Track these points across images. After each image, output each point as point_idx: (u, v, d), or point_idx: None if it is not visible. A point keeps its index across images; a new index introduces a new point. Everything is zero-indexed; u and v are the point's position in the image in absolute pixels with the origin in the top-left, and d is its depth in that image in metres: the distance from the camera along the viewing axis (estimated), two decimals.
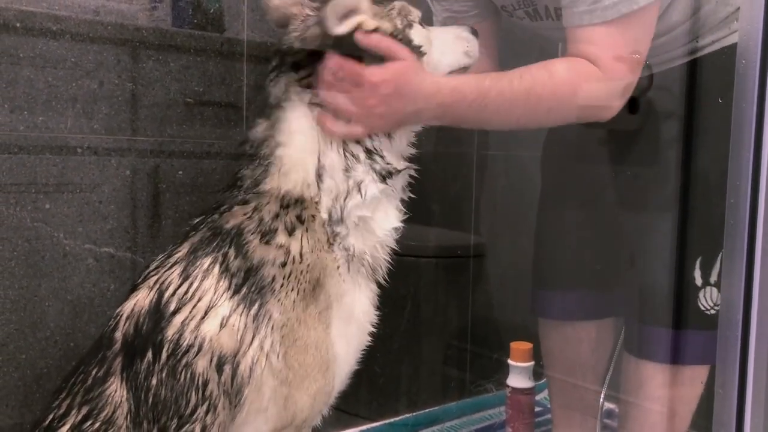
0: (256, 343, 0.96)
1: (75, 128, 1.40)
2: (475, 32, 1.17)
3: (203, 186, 1.55)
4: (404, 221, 1.10)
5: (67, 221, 1.40)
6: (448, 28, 1.18)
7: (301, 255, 1.00)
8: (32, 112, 1.35)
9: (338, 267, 1.03)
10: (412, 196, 1.12)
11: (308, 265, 1.00)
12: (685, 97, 1.27)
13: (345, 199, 1.02)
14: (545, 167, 1.56)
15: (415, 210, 1.12)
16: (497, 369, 1.87)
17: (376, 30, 1.02)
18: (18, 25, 1.32)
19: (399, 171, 1.06)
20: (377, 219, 1.05)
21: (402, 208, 1.09)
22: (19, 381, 1.36)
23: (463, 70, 1.14)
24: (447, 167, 2.04)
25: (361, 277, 1.04)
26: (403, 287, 1.86)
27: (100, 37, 1.42)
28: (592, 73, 1.09)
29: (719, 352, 0.96)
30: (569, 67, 1.10)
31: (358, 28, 1.00)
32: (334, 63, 1.01)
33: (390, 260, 1.10)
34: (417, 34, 1.07)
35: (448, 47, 1.12)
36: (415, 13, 1.10)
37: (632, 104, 1.21)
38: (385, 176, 1.04)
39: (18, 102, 1.33)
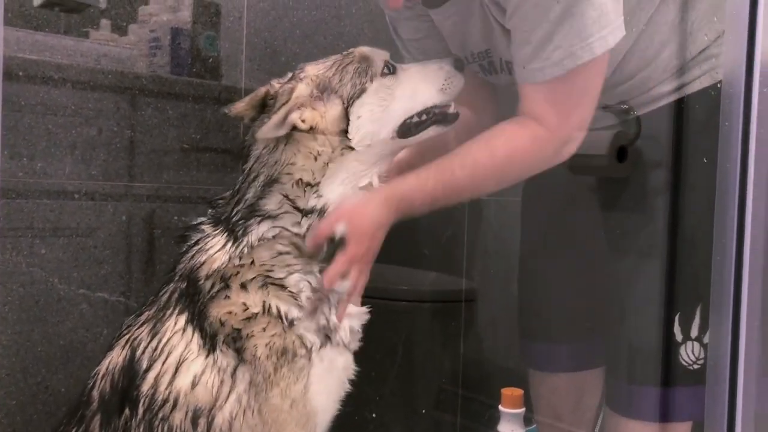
0: (233, 397, 0.96)
1: (73, 174, 1.42)
2: (459, 65, 1.12)
3: None
4: (396, 265, 1.10)
5: (62, 266, 1.41)
6: (425, 64, 1.12)
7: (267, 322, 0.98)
8: (31, 159, 1.37)
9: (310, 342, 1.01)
10: (405, 240, 1.12)
11: (275, 333, 0.98)
12: (672, 147, 1.26)
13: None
14: (525, 218, 1.54)
15: (407, 254, 1.13)
16: (488, 414, 1.86)
17: (312, 124, 1.00)
18: (21, 73, 1.35)
19: None
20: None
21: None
22: (9, 427, 1.36)
23: (444, 109, 1.10)
24: (438, 212, 2.06)
25: (340, 345, 1.03)
26: (394, 331, 1.86)
27: (101, 84, 1.45)
28: (535, 136, 1.08)
29: (707, 409, 0.97)
30: (510, 137, 1.10)
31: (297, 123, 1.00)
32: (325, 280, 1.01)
33: (382, 304, 1.10)
34: (369, 99, 1.04)
35: (418, 88, 1.08)
36: (377, 62, 1.06)
37: (621, 153, 1.23)
38: None
39: (18, 148, 1.35)
